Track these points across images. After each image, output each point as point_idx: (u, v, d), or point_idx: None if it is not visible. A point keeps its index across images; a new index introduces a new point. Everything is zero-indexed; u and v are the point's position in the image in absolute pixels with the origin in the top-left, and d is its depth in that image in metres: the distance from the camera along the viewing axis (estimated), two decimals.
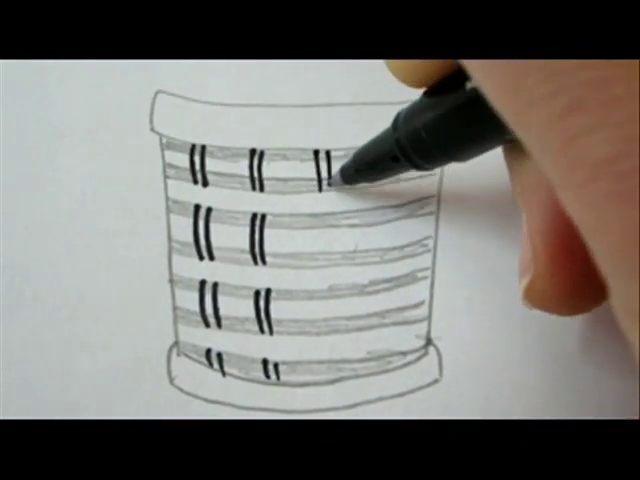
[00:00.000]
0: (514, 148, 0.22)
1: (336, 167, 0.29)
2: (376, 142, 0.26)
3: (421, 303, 0.28)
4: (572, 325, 0.27)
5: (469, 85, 0.21)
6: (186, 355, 0.28)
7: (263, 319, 0.28)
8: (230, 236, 0.29)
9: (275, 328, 0.28)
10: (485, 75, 0.16)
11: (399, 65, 0.23)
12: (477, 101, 0.18)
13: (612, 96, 0.13)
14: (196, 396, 0.27)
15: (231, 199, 0.29)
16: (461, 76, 0.20)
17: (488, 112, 0.17)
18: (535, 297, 0.23)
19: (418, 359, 0.28)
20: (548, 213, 0.22)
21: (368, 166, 0.27)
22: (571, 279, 0.21)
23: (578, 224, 0.15)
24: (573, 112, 0.14)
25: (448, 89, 0.22)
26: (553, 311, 0.23)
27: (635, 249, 0.13)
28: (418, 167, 0.25)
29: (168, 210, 0.29)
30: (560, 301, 0.22)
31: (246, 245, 0.29)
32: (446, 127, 0.22)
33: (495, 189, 0.28)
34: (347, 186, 0.29)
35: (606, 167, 0.13)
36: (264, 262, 0.29)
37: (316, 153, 0.29)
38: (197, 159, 0.29)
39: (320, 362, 0.28)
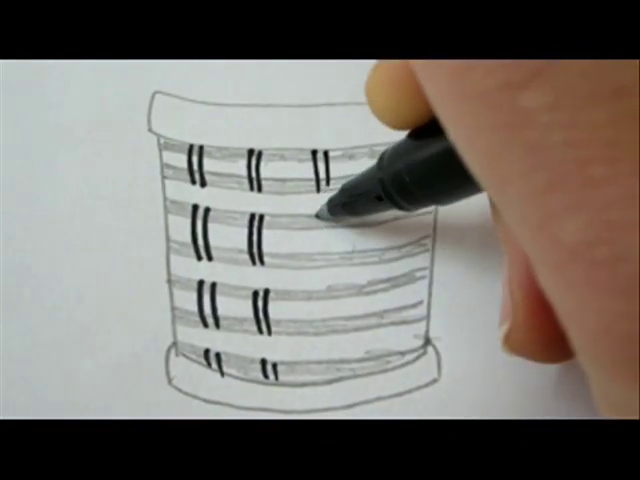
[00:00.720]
0: None
1: (334, 167, 0.29)
2: (362, 179, 0.26)
3: (419, 303, 0.28)
4: None
5: None
6: (184, 355, 0.28)
7: (261, 319, 0.28)
8: (228, 236, 0.29)
9: (273, 328, 0.28)
10: (465, 144, 0.15)
11: (381, 106, 0.22)
12: None
13: (593, 177, 0.13)
14: (195, 396, 0.27)
15: (229, 199, 0.29)
16: None
17: None
18: (513, 345, 0.22)
19: (416, 359, 0.28)
20: (529, 265, 0.21)
21: (354, 202, 0.27)
22: (550, 331, 0.21)
23: (552, 302, 0.14)
24: (552, 191, 0.13)
25: (432, 133, 0.21)
26: (532, 359, 0.23)
27: (606, 342, 0.13)
28: (401, 208, 0.24)
29: (166, 210, 0.29)
30: (539, 351, 0.22)
31: (244, 245, 0.29)
32: (429, 172, 0.22)
33: None
34: (334, 220, 0.29)
35: (582, 252, 0.13)
36: (262, 262, 0.29)
37: (314, 153, 0.29)
38: (195, 159, 0.29)
39: (318, 362, 0.28)
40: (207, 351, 0.28)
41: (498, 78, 0.13)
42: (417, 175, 0.22)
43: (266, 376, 0.28)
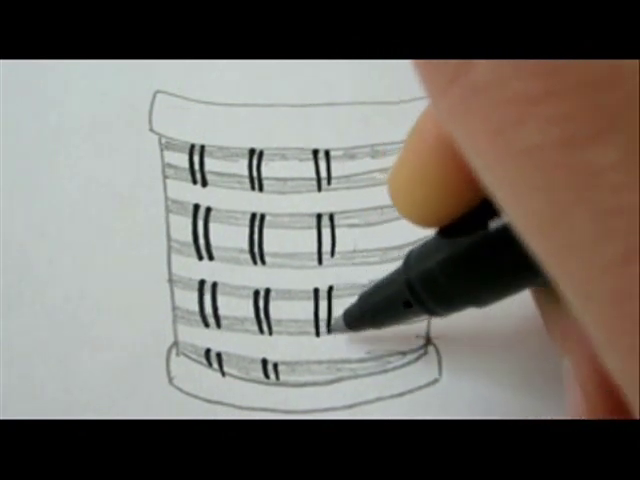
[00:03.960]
0: (547, 292, 0.19)
1: (335, 166, 0.29)
2: (384, 283, 0.24)
3: None
4: None
5: (494, 224, 0.18)
6: (185, 355, 0.28)
7: (262, 319, 0.28)
8: (229, 236, 0.29)
9: (274, 328, 0.28)
10: (516, 210, 0.13)
11: (408, 205, 0.20)
12: (504, 242, 0.16)
13: None
14: (195, 396, 0.27)
15: (230, 199, 0.29)
16: (482, 215, 0.18)
17: (517, 254, 0.14)
18: None
19: (417, 359, 0.28)
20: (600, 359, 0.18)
21: (375, 311, 0.25)
22: None
23: (626, 393, 0.12)
24: (629, 262, 0.11)
25: (467, 229, 0.19)
26: None
27: None
28: (433, 313, 0.22)
29: (167, 210, 0.29)
30: None
31: (245, 245, 0.29)
32: (467, 269, 0.20)
33: None
34: (351, 332, 0.27)
35: None
36: (263, 262, 0.29)
37: (315, 153, 0.29)
38: (196, 159, 0.29)
39: (319, 362, 0.28)
40: (208, 351, 0.28)
41: (556, 132, 0.11)
42: (453, 271, 0.20)
43: (267, 376, 0.28)
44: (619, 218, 0.11)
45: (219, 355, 0.28)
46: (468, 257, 0.19)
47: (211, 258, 0.29)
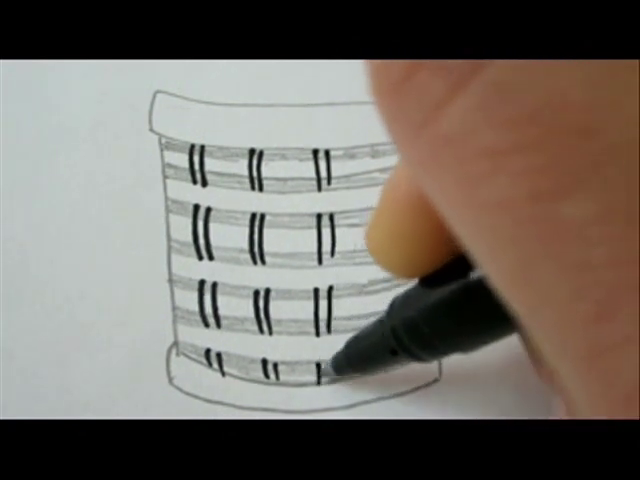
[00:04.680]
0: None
1: (335, 166, 0.29)
2: (369, 331, 0.24)
3: None
4: None
5: (474, 275, 0.18)
6: (185, 355, 0.28)
7: (262, 319, 0.28)
8: (229, 236, 0.29)
9: (274, 328, 0.28)
10: (489, 262, 0.13)
11: (387, 259, 0.21)
12: (485, 290, 0.16)
13: None
14: (195, 396, 0.27)
15: (230, 199, 0.29)
16: (462, 264, 0.18)
17: (499, 303, 0.14)
18: None
19: None
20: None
21: (362, 359, 0.25)
22: None
23: None
24: (605, 319, 0.11)
25: (448, 278, 0.19)
26: None
27: None
28: (418, 359, 0.22)
29: (167, 210, 0.29)
30: None
31: (245, 245, 0.29)
32: (448, 318, 0.20)
33: None
34: (341, 378, 0.27)
35: None
36: (263, 262, 0.29)
37: (315, 152, 0.29)
38: (196, 159, 0.29)
39: (320, 362, 0.28)
40: (208, 351, 0.28)
41: (527, 185, 0.11)
42: (436, 321, 0.20)
43: (267, 376, 0.28)
44: (592, 274, 0.11)
45: (219, 355, 0.28)
46: (449, 306, 0.20)
47: (211, 258, 0.29)
